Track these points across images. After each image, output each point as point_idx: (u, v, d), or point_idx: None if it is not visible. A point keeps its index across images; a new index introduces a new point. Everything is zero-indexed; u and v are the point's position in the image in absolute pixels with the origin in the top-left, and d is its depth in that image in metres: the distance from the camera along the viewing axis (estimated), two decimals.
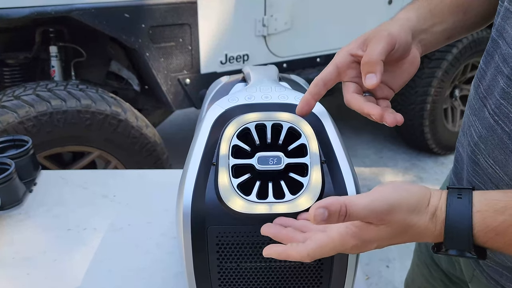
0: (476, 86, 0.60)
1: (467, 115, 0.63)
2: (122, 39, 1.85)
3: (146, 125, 1.84)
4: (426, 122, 2.85)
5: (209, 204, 0.47)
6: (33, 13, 1.66)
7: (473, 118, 0.59)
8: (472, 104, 0.60)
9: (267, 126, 0.49)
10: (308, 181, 0.47)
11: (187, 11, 1.93)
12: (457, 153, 0.69)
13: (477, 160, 0.58)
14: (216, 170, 0.48)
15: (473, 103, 0.60)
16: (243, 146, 0.49)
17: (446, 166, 2.98)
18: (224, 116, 0.52)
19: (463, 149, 0.64)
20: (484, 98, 0.56)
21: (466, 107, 0.65)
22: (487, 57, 0.58)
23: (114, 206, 0.91)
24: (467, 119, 0.63)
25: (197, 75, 2.07)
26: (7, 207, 0.87)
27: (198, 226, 0.47)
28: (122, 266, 0.75)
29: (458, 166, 0.67)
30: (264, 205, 0.46)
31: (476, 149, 0.58)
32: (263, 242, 0.48)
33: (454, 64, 2.76)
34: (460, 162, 0.66)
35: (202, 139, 0.50)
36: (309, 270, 0.50)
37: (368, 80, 0.51)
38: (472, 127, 0.59)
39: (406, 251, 2.18)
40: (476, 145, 0.58)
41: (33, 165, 0.97)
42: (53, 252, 0.78)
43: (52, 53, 1.94)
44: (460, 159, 0.66)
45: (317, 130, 0.51)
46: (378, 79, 0.51)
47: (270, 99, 0.54)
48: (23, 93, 1.63)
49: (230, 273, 0.50)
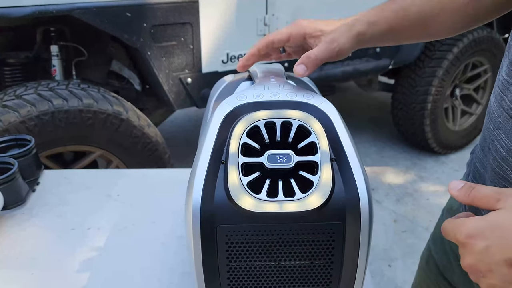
0: (498, 98, 0.57)
1: (488, 129, 0.60)
2: (123, 38, 1.84)
3: (148, 124, 1.83)
4: (427, 121, 2.85)
5: (219, 202, 0.46)
6: (35, 12, 1.66)
7: (498, 131, 0.57)
8: (495, 117, 0.58)
9: (277, 124, 0.49)
10: (318, 179, 0.47)
11: (189, 10, 1.93)
12: (474, 169, 0.67)
13: (506, 175, 0.56)
14: (225, 168, 0.47)
15: (496, 116, 0.58)
16: (253, 144, 0.48)
17: (447, 165, 2.98)
18: (233, 114, 0.51)
19: (484, 165, 0.62)
20: (510, 110, 0.55)
21: (486, 121, 0.62)
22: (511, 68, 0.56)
23: (118, 206, 0.91)
24: (489, 133, 0.60)
25: (199, 74, 2.07)
26: (10, 207, 0.87)
27: (207, 225, 0.46)
28: (127, 266, 0.75)
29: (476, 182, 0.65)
30: (274, 204, 0.46)
31: (504, 164, 0.56)
32: (273, 241, 0.47)
33: (455, 63, 2.76)
34: (479, 179, 0.64)
35: (211, 137, 0.49)
36: (319, 270, 0.50)
37: (300, 70, 0.61)
38: (497, 141, 0.57)
39: (409, 250, 2.18)
40: (504, 160, 0.55)
41: (36, 165, 0.96)
42: (57, 252, 0.78)
43: (53, 52, 1.93)
44: (478, 176, 0.64)
45: (327, 127, 0.50)
46: (306, 73, 0.61)
47: (278, 97, 0.53)
48: (24, 92, 1.62)
49: (239, 273, 0.49)
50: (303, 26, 0.64)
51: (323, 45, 0.61)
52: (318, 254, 0.48)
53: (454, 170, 2.93)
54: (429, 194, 2.66)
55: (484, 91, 3.15)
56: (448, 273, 0.75)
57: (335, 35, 0.62)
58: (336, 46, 0.61)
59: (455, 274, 0.73)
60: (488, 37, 2.84)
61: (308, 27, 0.64)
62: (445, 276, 0.76)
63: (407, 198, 2.62)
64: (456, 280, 0.73)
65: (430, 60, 2.74)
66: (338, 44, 0.61)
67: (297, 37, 0.65)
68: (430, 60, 2.74)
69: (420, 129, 2.89)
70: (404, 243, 2.24)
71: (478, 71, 3.02)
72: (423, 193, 2.67)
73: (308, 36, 0.64)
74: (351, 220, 0.47)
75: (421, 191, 2.69)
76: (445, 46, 2.72)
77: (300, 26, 0.64)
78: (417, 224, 2.39)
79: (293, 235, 0.47)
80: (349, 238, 0.48)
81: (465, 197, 0.46)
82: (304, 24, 0.64)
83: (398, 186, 2.75)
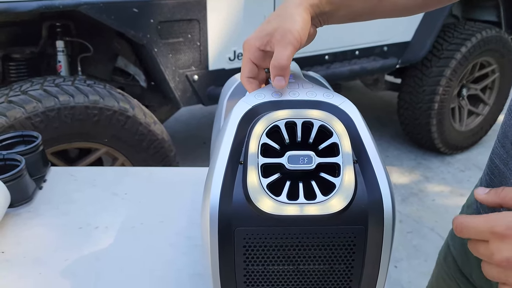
0: None
1: (509, 125, 0.59)
2: (130, 35, 1.83)
3: (154, 121, 1.82)
4: (433, 121, 2.83)
5: (237, 204, 0.44)
6: (41, 6, 1.64)
7: None
8: None
9: (297, 124, 0.47)
10: (341, 181, 0.45)
11: (196, 7, 1.91)
12: (492, 165, 0.66)
13: None
14: (244, 169, 0.45)
15: None
16: (273, 145, 0.46)
17: (453, 166, 2.96)
18: (251, 113, 0.50)
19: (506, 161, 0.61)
20: None
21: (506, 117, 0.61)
22: None
23: (125, 204, 0.89)
24: (510, 128, 0.59)
25: (205, 71, 2.05)
26: (16, 205, 0.85)
27: (225, 227, 0.44)
28: (135, 266, 0.73)
29: (495, 179, 0.64)
30: (295, 206, 0.44)
31: None
32: (292, 245, 0.46)
33: (462, 63, 2.74)
34: (497, 175, 0.63)
35: (229, 137, 0.47)
36: (338, 274, 0.48)
37: (277, 82, 0.54)
38: None
39: (414, 251, 2.17)
40: None
41: (42, 162, 0.95)
42: (64, 251, 0.76)
43: (58, 48, 1.92)
44: (497, 172, 0.63)
45: (348, 128, 0.48)
46: (286, 81, 0.54)
47: (298, 96, 0.52)
48: (30, 88, 1.61)
49: (256, 276, 0.47)
50: (251, 44, 0.59)
51: (279, 44, 0.55)
52: (339, 258, 0.47)
53: (460, 171, 2.91)
54: (434, 195, 2.64)
55: (492, 91, 3.12)
56: (467, 268, 0.74)
57: (284, 24, 0.56)
58: (291, 36, 0.54)
59: (474, 270, 0.72)
60: (497, 37, 2.82)
61: (255, 41, 0.59)
62: (463, 271, 0.75)
63: (412, 198, 2.60)
64: (475, 276, 0.72)
65: (437, 60, 2.72)
66: (291, 32, 0.55)
67: (256, 57, 0.59)
68: (438, 60, 2.71)
69: (426, 129, 2.87)
70: (409, 243, 2.22)
71: (486, 71, 3.00)
72: (428, 194, 2.65)
73: (263, 48, 0.58)
74: (373, 224, 0.45)
75: (426, 192, 2.67)
76: (453, 46, 2.70)
77: (250, 46, 0.59)
78: (423, 224, 2.37)
79: (313, 238, 0.45)
80: (371, 242, 0.46)
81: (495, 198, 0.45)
82: (251, 42, 0.59)
83: (403, 186, 2.73)
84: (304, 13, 0.57)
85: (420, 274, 2.03)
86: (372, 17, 0.65)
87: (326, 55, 2.39)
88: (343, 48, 2.44)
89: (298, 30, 0.55)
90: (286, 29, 0.55)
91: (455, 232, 0.49)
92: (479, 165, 2.97)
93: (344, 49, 2.44)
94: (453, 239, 0.79)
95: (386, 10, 0.63)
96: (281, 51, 0.54)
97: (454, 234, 0.79)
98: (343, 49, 2.44)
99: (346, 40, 2.43)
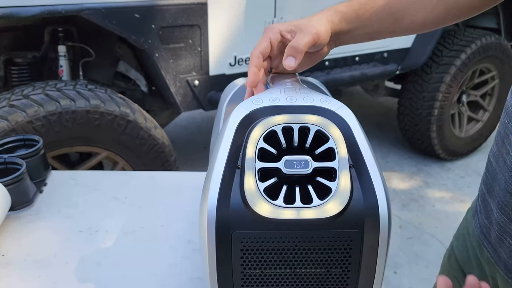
0: None
1: (504, 124, 0.62)
2: (131, 40, 1.84)
3: (154, 126, 1.83)
4: (433, 127, 2.83)
5: (235, 208, 0.45)
6: (44, 11, 1.65)
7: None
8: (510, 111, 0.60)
9: (294, 129, 0.48)
10: (337, 186, 0.46)
11: (197, 12, 1.92)
12: (488, 162, 0.67)
13: None
14: (241, 173, 0.46)
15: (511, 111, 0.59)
16: (270, 149, 0.47)
17: (453, 172, 2.96)
18: (249, 118, 0.50)
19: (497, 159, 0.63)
20: None
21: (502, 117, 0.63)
22: None
23: (125, 208, 0.90)
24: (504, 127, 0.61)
25: (206, 76, 2.06)
26: (17, 208, 0.86)
27: (222, 231, 0.45)
28: (135, 270, 0.74)
29: (489, 176, 0.66)
30: (291, 210, 0.45)
31: None
32: (289, 248, 0.46)
33: (462, 69, 2.75)
34: (491, 172, 0.65)
35: (227, 141, 0.48)
36: (335, 278, 0.49)
37: (288, 61, 0.59)
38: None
39: (414, 257, 2.16)
40: None
41: (43, 165, 0.96)
42: (64, 255, 0.77)
43: (60, 52, 1.93)
44: (491, 169, 0.65)
45: (345, 133, 0.49)
46: (296, 64, 0.59)
47: (295, 101, 0.52)
48: (32, 92, 1.62)
49: (253, 280, 0.48)
50: (275, 26, 0.64)
51: (301, 32, 0.61)
52: (335, 262, 0.47)
53: (460, 177, 2.91)
54: (435, 201, 2.65)
55: (491, 97, 3.13)
56: (468, 268, 0.76)
57: (308, 22, 0.62)
58: (313, 29, 0.61)
59: (474, 270, 0.74)
60: (496, 43, 2.83)
61: (280, 25, 0.64)
62: (465, 271, 0.77)
63: (412, 204, 2.60)
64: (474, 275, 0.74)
65: (437, 66, 2.73)
66: (314, 27, 0.61)
67: (275, 38, 0.64)
68: (438, 66, 2.72)
69: (426, 135, 2.88)
70: (410, 249, 2.22)
71: (486, 77, 3.01)
72: (429, 199, 2.66)
73: (284, 34, 0.63)
74: (369, 228, 0.46)
75: (427, 197, 2.68)
76: (453, 52, 2.71)
77: (273, 27, 0.64)
78: (423, 230, 2.37)
79: (310, 242, 0.46)
80: (367, 246, 0.47)
81: None
82: (275, 25, 0.64)
83: (403, 191, 2.73)
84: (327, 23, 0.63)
85: (421, 280, 2.03)
86: (389, 36, 0.69)
87: (327, 61, 2.40)
88: (344, 54, 2.45)
89: (320, 29, 0.61)
90: (310, 25, 0.61)
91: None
92: (479, 171, 2.97)
93: (344, 55, 2.46)
94: (457, 240, 0.81)
95: (403, 29, 0.67)
96: (301, 37, 0.60)
97: (457, 235, 0.81)
98: (344, 55, 2.45)
99: (347, 46, 2.44)
